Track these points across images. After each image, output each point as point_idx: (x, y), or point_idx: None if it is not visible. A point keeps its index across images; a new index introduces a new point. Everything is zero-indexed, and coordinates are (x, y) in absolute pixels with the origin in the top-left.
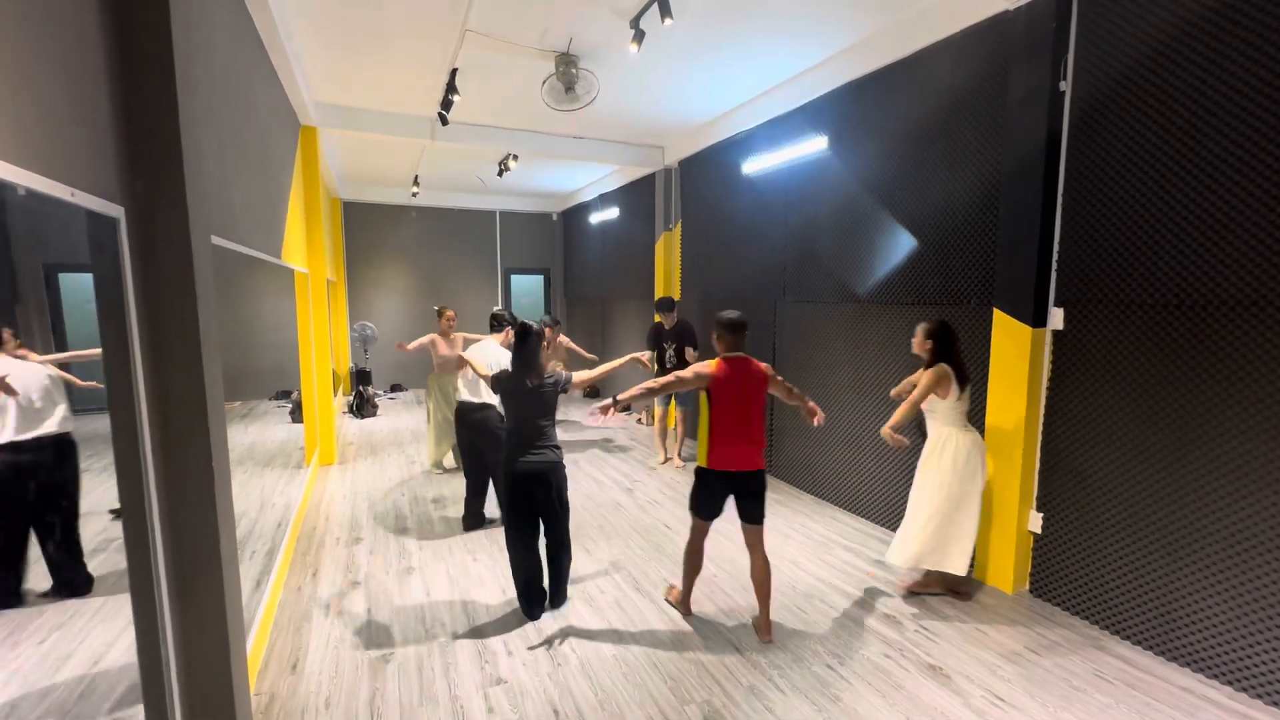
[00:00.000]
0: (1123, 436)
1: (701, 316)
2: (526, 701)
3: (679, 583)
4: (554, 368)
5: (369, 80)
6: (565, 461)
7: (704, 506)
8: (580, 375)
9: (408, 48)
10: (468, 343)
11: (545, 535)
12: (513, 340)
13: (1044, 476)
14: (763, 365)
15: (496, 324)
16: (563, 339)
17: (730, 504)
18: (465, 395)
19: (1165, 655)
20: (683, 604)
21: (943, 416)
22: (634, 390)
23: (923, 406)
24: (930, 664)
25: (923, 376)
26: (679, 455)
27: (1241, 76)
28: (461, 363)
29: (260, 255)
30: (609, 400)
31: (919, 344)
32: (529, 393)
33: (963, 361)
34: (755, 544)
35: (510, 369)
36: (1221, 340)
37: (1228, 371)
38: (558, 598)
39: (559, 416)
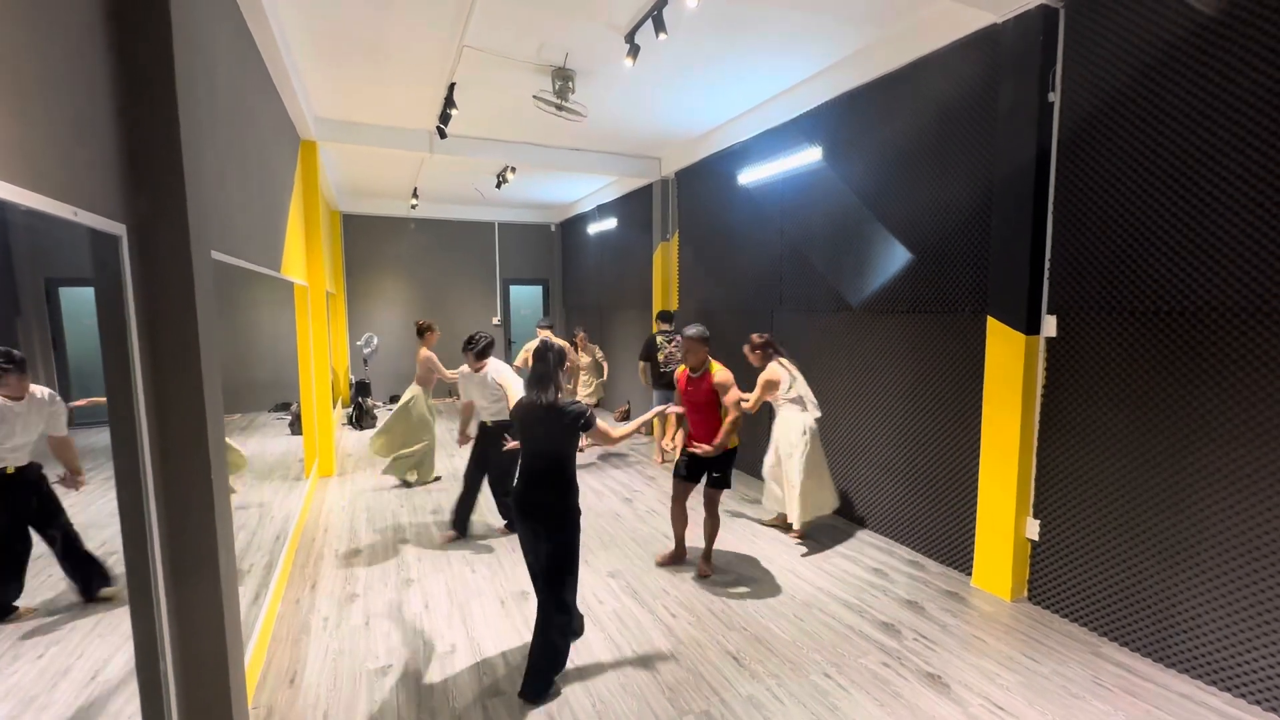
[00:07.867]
0: (1118, 443)
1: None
2: (525, 713)
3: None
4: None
5: (368, 95)
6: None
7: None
8: (605, 428)
9: (406, 63)
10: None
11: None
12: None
13: (1040, 483)
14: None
15: (469, 345)
16: (593, 349)
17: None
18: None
19: (1163, 661)
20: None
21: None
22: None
23: (769, 399)
24: (929, 672)
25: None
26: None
27: (1227, 85)
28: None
29: (260, 269)
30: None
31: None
32: (541, 417)
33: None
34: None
35: (525, 392)
36: (1215, 347)
37: (1222, 378)
38: (531, 687)
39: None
